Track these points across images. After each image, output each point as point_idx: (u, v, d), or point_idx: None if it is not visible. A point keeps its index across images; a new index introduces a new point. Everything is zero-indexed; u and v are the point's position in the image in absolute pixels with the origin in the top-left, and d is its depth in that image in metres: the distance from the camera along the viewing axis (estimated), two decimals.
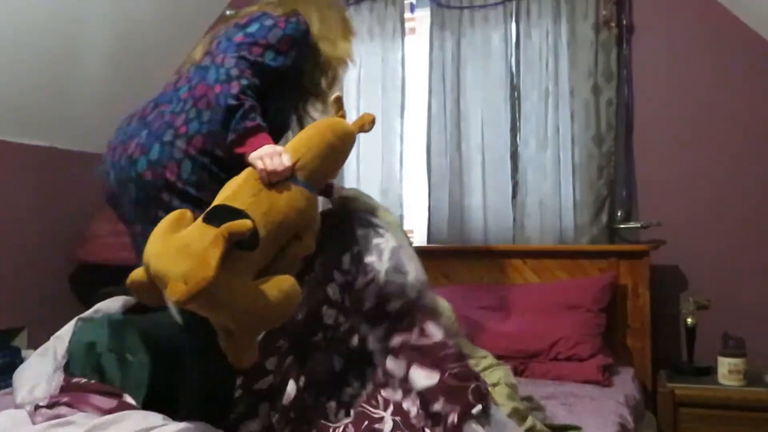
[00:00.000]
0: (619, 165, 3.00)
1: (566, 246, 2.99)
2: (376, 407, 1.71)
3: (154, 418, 1.58)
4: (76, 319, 2.16)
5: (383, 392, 1.75)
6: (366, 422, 1.65)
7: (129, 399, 1.85)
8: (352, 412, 1.74)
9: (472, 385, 1.64)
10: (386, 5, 3.34)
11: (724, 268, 2.86)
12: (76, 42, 3.22)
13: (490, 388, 1.74)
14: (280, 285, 1.51)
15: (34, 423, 1.66)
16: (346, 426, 1.66)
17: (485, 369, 2.03)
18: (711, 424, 2.46)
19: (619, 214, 2.98)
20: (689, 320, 2.72)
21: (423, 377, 1.70)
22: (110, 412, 1.72)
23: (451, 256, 3.11)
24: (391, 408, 1.69)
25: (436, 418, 1.61)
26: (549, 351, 2.62)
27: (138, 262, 1.70)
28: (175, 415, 1.66)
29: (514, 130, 3.12)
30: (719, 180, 2.90)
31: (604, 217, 2.96)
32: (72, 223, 3.45)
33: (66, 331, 2.12)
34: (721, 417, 2.45)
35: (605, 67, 2.98)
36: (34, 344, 2.86)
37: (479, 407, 1.60)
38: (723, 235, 2.87)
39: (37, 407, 1.73)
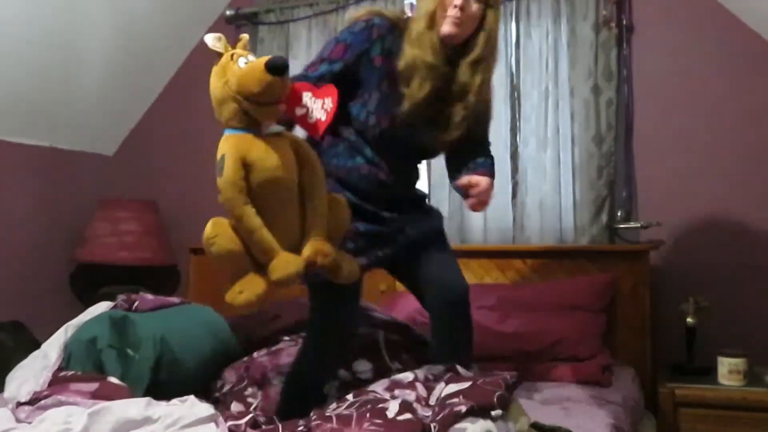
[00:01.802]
0: (619, 165, 3.00)
1: (566, 246, 2.98)
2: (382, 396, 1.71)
3: (136, 407, 1.56)
4: (65, 326, 2.18)
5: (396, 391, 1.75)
6: (369, 405, 1.62)
7: (113, 379, 1.85)
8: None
9: (499, 392, 1.62)
10: (386, 5, 3.33)
11: (725, 268, 2.85)
12: (76, 42, 3.22)
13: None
14: None
15: (17, 420, 1.66)
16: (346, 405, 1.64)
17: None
18: (711, 424, 2.46)
19: (619, 214, 2.97)
20: (689, 320, 2.72)
21: (455, 386, 1.70)
22: (93, 394, 1.72)
23: None
24: (399, 400, 1.68)
25: (445, 407, 1.58)
26: (549, 351, 2.61)
27: None
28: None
29: (514, 130, 3.12)
30: (719, 180, 2.89)
31: (604, 217, 2.95)
32: (72, 223, 3.45)
33: (57, 337, 2.13)
34: (721, 417, 2.45)
35: (605, 67, 2.97)
36: None
37: (499, 412, 1.58)
38: (723, 235, 2.87)
39: (19, 404, 1.72)
